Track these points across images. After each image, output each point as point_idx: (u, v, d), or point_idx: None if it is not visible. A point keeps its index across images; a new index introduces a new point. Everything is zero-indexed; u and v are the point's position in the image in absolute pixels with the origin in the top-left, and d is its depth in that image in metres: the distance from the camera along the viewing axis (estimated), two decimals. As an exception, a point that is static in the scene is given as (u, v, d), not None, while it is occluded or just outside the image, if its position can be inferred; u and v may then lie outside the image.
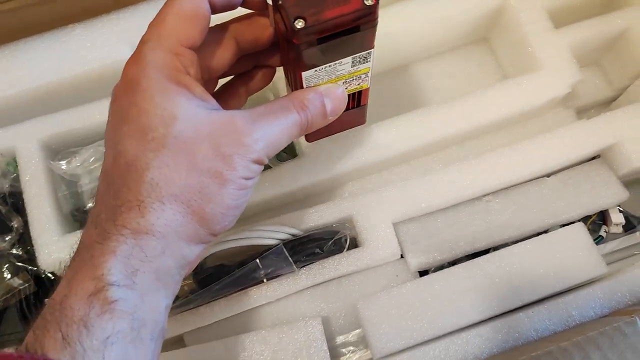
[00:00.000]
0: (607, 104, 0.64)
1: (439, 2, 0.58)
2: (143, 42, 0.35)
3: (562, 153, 0.55)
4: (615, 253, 0.57)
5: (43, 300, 0.53)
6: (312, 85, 0.39)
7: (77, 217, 0.55)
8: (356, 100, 0.44)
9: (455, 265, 0.53)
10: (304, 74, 0.38)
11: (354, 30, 0.36)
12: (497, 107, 0.55)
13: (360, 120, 0.48)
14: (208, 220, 0.34)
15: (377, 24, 0.37)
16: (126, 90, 0.34)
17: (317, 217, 0.53)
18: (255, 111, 0.36)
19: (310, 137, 0.47)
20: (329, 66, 0.38)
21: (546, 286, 0.52)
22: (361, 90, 0.43)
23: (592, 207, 0.56)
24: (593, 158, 0.58)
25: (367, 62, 0.40)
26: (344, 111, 0.42)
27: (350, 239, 0.54)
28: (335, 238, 0.53)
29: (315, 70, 0.38)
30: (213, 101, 0.35)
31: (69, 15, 0.57)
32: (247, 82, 0.44)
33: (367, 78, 0.42)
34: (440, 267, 0.55)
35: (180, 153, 0.33)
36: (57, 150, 0.57)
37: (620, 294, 0.51)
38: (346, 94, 0.41)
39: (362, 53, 0.39)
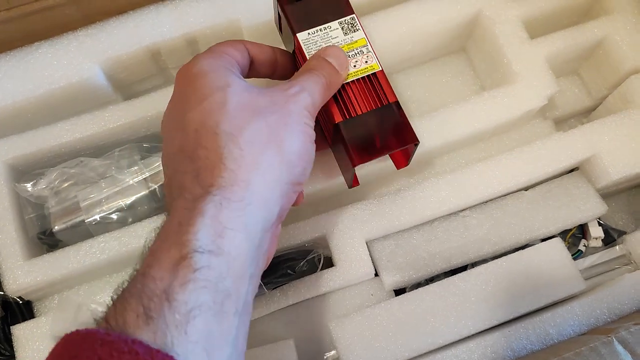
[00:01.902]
0: (587, 113, 0.63)
1: (412, 13, 0.57)
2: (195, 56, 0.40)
3: (540, 166, 0.54)
4: (594, 267, 0.56)
5: (10, 325, 0.52)
6: (313, 52, 0.45)
7: (43, 240, 0.54)
8: (376, 88, 0.45)
9: (431, 284, 0.52)
10: (299, 36, 0.45)
11: None
12: (472, 120, 0.54)
13: (406, 137, 0.44)
14: (286, 160, 0.36)
15: None
16: (179, 82, 0.39)
17: (288, 237, 0.52)
18: (287, 83, 0.40)
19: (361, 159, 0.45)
20: (320, 30, 0.46)
21: (523, 304, 0.50)
22: (375, 73, 0.45)
23: (571, 220, 0.55)
24: (572, 170, 0.57)
25: (356, 29, 0.46)
26: (378, 117, 0.44)
27: (324, 257, 0.53)
28: (307, 258, 0.52)
29: (309, 33, 0.45)
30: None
31: (34, 32, 0.56)
32: None
33: (370, 54, 0.45)
34: (417, 285, 0.54)
35: (242, 106, 0.36)
36: (23, 171, 0.55)
37: (599, 311, 0.50)
38: (343, 51, 0.45)
39: (345, 18, 0.46)
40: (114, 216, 0.53)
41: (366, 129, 0.44)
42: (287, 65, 0.47)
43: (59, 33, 0.56)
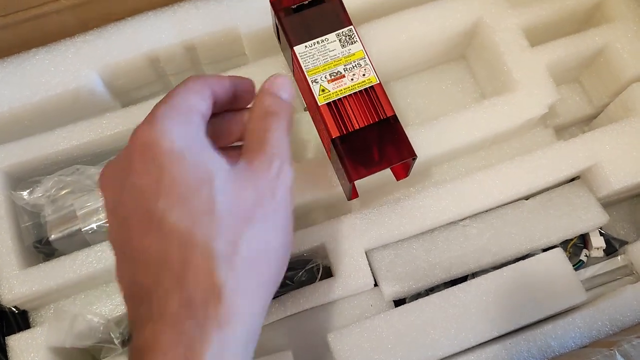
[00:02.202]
0: (588, 121, 0.63)
1: (412, 21, 0.56)
2: (152, 111, 0.34)
3: (541, 175, 0.54)
4: (596, 278, 0.55)
5: (5, 335, 0.52)
6: (311, 67, 0.46)
7: (40, 249, 0.53)
8: (373, 102, 0.44)
9: (431, 295, 0.51)
10: (296, 49, 0.46)
11: (320, 1, 0.47)
12: (472, 129, 0.53)
13: (403, 151, 0.44)
14: (275, 272, 0.34)
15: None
16: (144, 158, 0.32)
17: (287, 247, 0.51)
18: (263, 156, 0.35)
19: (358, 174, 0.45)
20: (317, 43, 0.46)
21: (524, 315, 0.50)
22: (373, 86, 0.45)
23: (572, 230, 0.54)
24: (573, 179, 0.56)
25: (354, 42, 0.46)
26: (375, 131, 0.44)
27: (323, 267, 0.53)
28: (306, 268, 0.51)
29: (306, 46, 0.46)
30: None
31: (31, 39, 0.55)
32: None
33: (368, 67, 0.46)
34: (417, 296, 0.54)
35: (231, 211, 0.31)
36: (19, 179, 0.55)
37: (600, 323, 0.49)
38: (289, 79, 0.41)
39: (343, 30, 0.46)
40: (111, 225, 0.52)
41: (364, 143, 0.44)
42: (246, 95, 0.41)
43: (56, 40, 0.56)
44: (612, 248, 0.56)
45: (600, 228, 0.55)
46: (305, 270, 0.52)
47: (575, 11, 0.58)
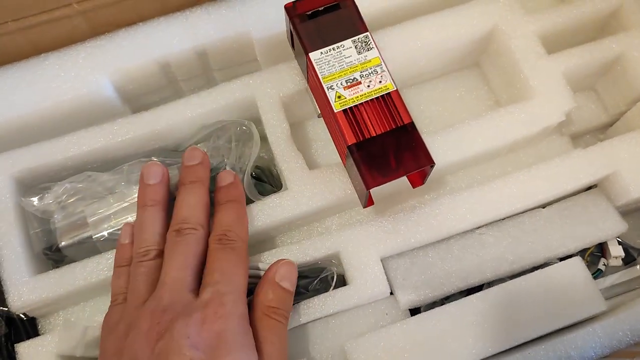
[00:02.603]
0: (603, 129, 0.62)
1: (427, 28, 0.56)
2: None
3: (558, 183, 0.53)
4: (615, 287, 0.54)
5: (14, 342, 0.51)
6: (326, 74, 0.45)
7: (49, 256, 0.52)
8: (390, 109, 0.44)
9: (447, 304, 0.50)
10: (312, 56, 0.46)
11: (335, 7, 0.47)
12: (488, 137, 0.53)
13: (421, 159, 0.43)
14: None
15: (354, 4, 0.47)
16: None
17: (300, 254, 0.51)
18: None
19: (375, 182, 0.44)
20: (333, 49, 0.46)
21: (543, 324, 0.49)
22: (390, 93, 0.44)
23: (589, 239, 0.53)
24: (589, 187, 0.56)
25: (370, 48, 0.46)
26: (392, 138, 0.43)
27: (338, 275, 0.52)
28: (321, 276, 0.51)
29: (321, 53, 0.46)
30: None
31: (42, 44, 0.55)
32: None
33: (385, 73, 0.45)
34: (432, 304, 0.53)
35: None
36: (29, 185, 0.54)
37: (621, 333, 0.48)
38: (294, 266, 0.46)
39: (359, 36, 0.46)
40: (122, 232, 0.51)
41: (380, 150, 0.43)
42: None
43: (67, 44, 0.55)
44: (630, 257, 0.55)
45: (618, 237, 0.55)
46: (320, 279, 0.51)
47: (592, 19, 0.57)
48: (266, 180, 0.57)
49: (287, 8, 0.48)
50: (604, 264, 0.54)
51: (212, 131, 0.55)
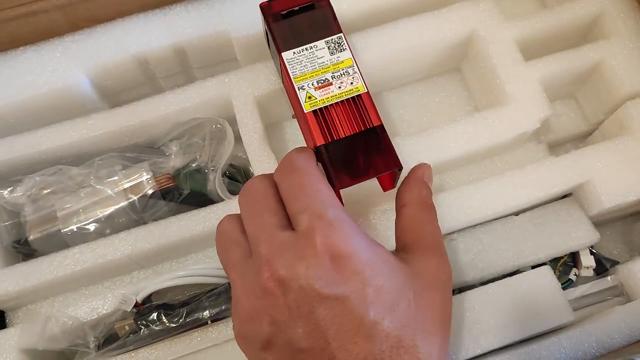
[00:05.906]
0: (583, 138, 0.62)
1: (405, 31, 0.55)
2: (322, 211, 0.36)
3: (532, 191, 0.52)
4: (585, 298, 0.54)
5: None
6: (298, 74, 0.45)
7: (18, 249, 0.53)
8: (360, 111, 0.43)
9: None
10: (284, 55, 0.45)
11: (310, 8, 0.47)
12: (462, 142, 0.52)
13: (389, 162, 0.43)
14: None
15: (330, 5, 0.47)
16: (341, 269, 0.34)
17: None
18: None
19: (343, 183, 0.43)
20: (306, 49, 0.45)
21: (510, 333, 0.48)
22: (360, 95, 0.44)
23: (562, 248, 0.53)
24: (564, 196, 0.55)
25: (343, 49, 0.45)
26: (361, 140, 0.43)
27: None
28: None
29: (294, 52, 0.45)
30: None
31: (19, 37, 0.55)
32: None
33: (356, 75, 0.45)
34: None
35: (428, 313, 0.37)
36: (2, 177, 0.54)
37: (587, 344, 0.48)
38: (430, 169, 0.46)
39: (333, 37, 0.46)
40: (91, 227, 0.51)
41: (349, 152, 0.43)
42: None
43: (45, 38, 0.55)
44: (602, 268, 0.54)
45: (592, 247, 0.54)
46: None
47: (572, 26, 0.57)
48: (240, 180, 0.56)
49: (262, 7, 0.48)
50: (575, 274, 0.54)
51: (186, 129, 0.55)
